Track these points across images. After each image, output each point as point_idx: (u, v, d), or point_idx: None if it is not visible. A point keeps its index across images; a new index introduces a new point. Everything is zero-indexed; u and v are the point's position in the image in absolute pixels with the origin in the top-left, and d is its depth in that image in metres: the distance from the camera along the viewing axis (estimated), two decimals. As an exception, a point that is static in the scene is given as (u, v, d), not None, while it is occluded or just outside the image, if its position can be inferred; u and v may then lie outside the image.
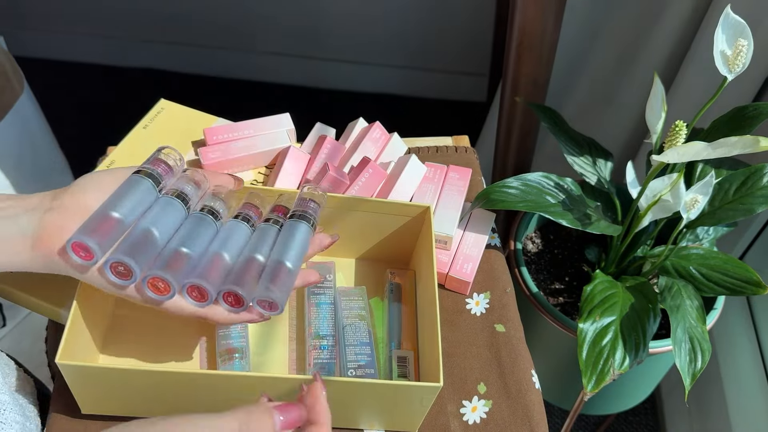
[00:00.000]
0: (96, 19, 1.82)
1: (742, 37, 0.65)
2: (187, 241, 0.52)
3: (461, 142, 0.88)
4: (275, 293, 0.51)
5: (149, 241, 0.50)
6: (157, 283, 0.50)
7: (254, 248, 0.54)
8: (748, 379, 1.07)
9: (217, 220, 0.55)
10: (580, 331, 0.75)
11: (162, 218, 0.52)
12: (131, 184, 0.52)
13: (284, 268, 0.52)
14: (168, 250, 0.51)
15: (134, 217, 0.51)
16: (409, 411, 0.58)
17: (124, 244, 0.49)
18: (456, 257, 0.73)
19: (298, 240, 0.55)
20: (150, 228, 0.51)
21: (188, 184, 0.55)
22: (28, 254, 0.48)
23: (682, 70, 1.09)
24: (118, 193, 0.51)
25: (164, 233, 0.51)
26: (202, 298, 0.51)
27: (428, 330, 0.61)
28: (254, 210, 0.57)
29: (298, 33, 1.79)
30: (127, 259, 0.48)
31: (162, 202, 0.53)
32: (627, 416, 1.35)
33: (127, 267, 0.48)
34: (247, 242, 0.55)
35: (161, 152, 0.56)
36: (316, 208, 0.58)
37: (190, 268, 0.51)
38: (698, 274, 0.81)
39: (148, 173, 0.53)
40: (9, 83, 0.92)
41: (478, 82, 1.82)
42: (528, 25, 0.97)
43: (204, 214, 0.54)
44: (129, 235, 0.50)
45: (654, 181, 0.76)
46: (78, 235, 0.47)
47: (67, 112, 1.76)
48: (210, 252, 0.52)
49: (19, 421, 0.54)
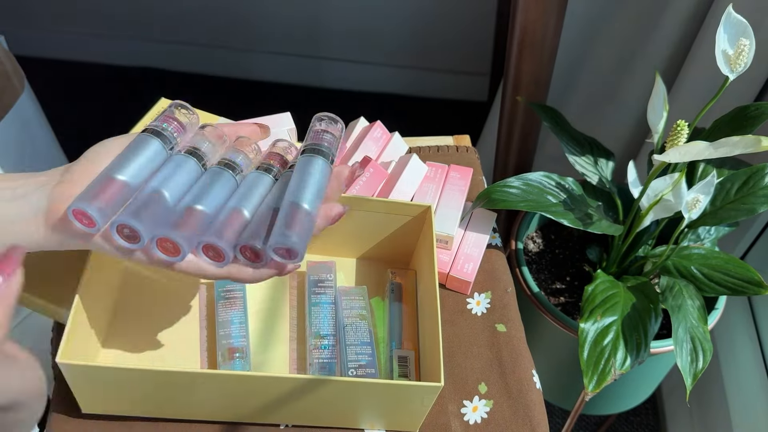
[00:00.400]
0: (96, 19, 1.82)
1: (744, 36, 0.65)
2: (202, 198, 0.47)
3: (462, 141, 0.88)
4: (292, 238, 0.45)
5: (158, 201, 0.46)
6: (166, 243, 0.46)
7: (274, 198, 0.49)
8: (749, 379, 1.07)
9: (236, 173, 0.50)
10: (581, 331, 0.74)
11: (173, 178, 0.48)
12: (138, 144, 0.48)
13: (301, 210, 0.47)
14: (180, 208, 0.47)
15: (142, 178, 0.47)
16: (409, 411, 0.58)
17: (130, 206, 0.46)
18: (457, 257, 0.73)
19: (313, 177, 0.48)
20: (159, 188, 0.47)
21: (205, 141, 0.50)
22: (43, 232, 0.46)
23: (684, 70, 1.09)
24: (123, 155, 0.47)
25: (176, 192, 0.47)
26: (219, 258, 0.47)
27: (429, 330, 0.61)
28: (278, 159, 0.52)
29: (300, 32, 1.79)
30: (132, 221, 0.44)
31: (175, 160, 0.49)
32: (628, 416, 1.35)
33: (133, 230, 0.45)
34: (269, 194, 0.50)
35: (173, 108, 0.52)
36: (333, 140, 0.52)
37: (204, 226, 0.46)
38: (700, 274, 0.80)
39: (157, 131, 0.49)
40: (9, 82, 0.92)
41: (480, 82, 1.82)
42: (529, 24, 0.97)
43: (221, 168, 0.49)
44: (136, 197, 0.46)
45: (655, 181, 0.76)
46: (77, 201, 0.44)
47: (67, 112, 1.76)
48: (228, 207, 0.48)
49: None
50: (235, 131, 0.54)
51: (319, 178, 0.49)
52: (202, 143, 0.50)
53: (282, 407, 0.58)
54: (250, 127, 0.55)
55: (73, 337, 0.53)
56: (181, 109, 0.52)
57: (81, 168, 0.47)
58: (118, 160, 0.47)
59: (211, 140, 0.51)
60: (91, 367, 0.52)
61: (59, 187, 0.46)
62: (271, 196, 0.50)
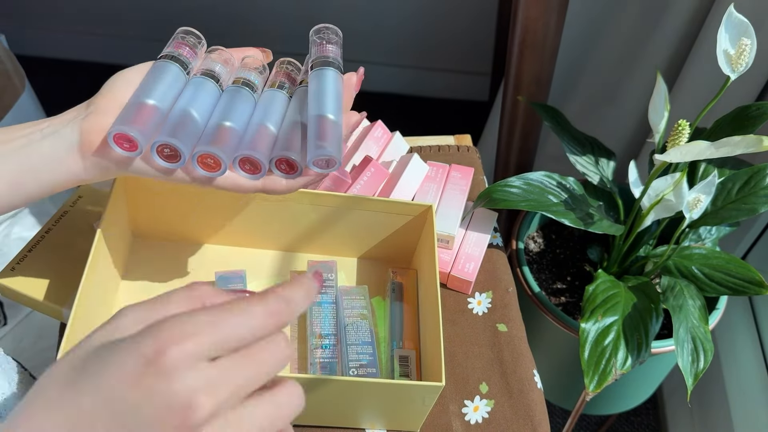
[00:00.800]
0: (97, 18, 1.82)
1: (746, 36, 0.65)
2: (229, 115, 0.50)
3: (463, 141, 0.88)
4: (328, 149, 0.47)
5: (190, 120, 0.48)
6: (207, 159, 0.48)
7: (295, 113, 0.52)
8: (750, 379, 1.06)
9: (254, 91, 0.53)
10: (582, 330, 0.74)
11: (198, 98, 0.50)
12: (159, 70, 0.50)
13: (328, 121, 0.49)
14: (211, 126, 0.49)
15: (168, 101, 0.49)
16: (411, 411, 0.58)
17: (166, 126, 0.48)
18: (458, 256, 0.73)
19: (329, 88, 0.51)
20: (188, 108, 0.49)
21: (217, 63, 0.53)
22: (80, 165, 0.48)
23: (685, 69, 1.09)
24: (147, 81, 0.50)
25: (203, 112, 0.50)
26: (255, 170, 0.49)
27: (430, 329, 0.61)
28: (288, 77, 0.55)
29: (300, 32, 1.78)
30: (173, 140, 0.46)
31: (194, 83, 0.51)
32: (629, 416, 1.35)
33: (174, 148, 0.47)
34: (287, 111, 0.53)
35: (180, 35, 0.54)
36: (336, 50, 0.54)
37: (236, 141, 0.49)
38: (701, 274, 0.80)
39: (174, 57, 0.51)
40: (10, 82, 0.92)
41: (481, 81, 1.82)
42: (530, 24, 0.97)
43: (240, 87, 0.52)
44: (168, 118, 0.49)
45: (657, 181, 0.76)
46: (117, 125, 0.46)
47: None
48: (254, 123, 0.50)
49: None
50: (239, 53, 0.56)
51: (335, 88, 0.51)
52: (215, 65, 0.53)
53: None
54: (253, 49, 0.58)
55: (74, 335, 0.53)
56: (188, 35, 0.54)
57: (104, 100, 0.49)
58: (143, 86, 0.49)
59: (221, 62, 0.54)
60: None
61: (89, 120, 0.48)
62: (291, 111, 0.52)
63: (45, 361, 0.64)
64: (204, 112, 0.50)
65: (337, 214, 0.66)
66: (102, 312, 0.61)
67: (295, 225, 0.67)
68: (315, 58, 0.53)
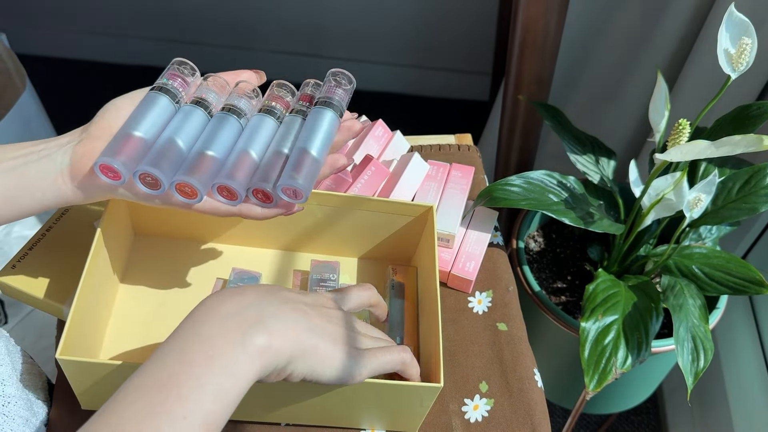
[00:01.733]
0: (98, 17, 1.82)
1: (746, 35, 0.65)
2: (211, 143, 0.52)
3: (464, 140, 0.88)
4: (299, 180, 0.50)
5: (174, 149, 0.51)
6: (185, 188, 0.50)
7: (280, 141, 0.53)
8: (750, 378, 1.06)
9: (241, 117, 0.54)
10: (583, 330, 0.74)
11: (184, 126, 0.52)
12: (149, 102, 0.53)
13: (308, 156, 0.51)
14: (193, 154, 0.51)
15: (155, 132, 0.52)
16: (409, 411, 0.58)
17: (149, 155, 0.50)
18: (458, 255, 0.73)
19: (322, 127, 0.53)
20: (173, 137, 0.51)
21: (209, 92, 0.55)
22: (69, 187, 0.51)
23: (686, 69, 1.09)
24: (137, 112, 0.52)
25: (188, 140, 0.52)
26: (233, 197, 0.51)
27: (430, 329, 0.61)
28: (280, 101, 0.56)
29: (301, 31, 1.79)
30: (153, 169, 0.49)
31: (184, 111, 0.53)
32: (629, 415, 1.35)
33: (154, 177, 0.49)
34: (274, 136, 0.54)
35: (175, 65, 0.56)
36: (344, 95, 0.56)
37: (216, 169, 0.51)
38: (701, 273, 0.80)
39: (165, 89, 0.53)
40: (11, 81, 0.92)
41: (481, 81, 1.82)
42: (531, 23, 0.97)
43: (226, 114, 0.54)
44: (153, 147, 0.51)
45: (657, 180, 0.76)
46: (103, 157, 0.49)
47: (69, 110, 1.76)
48: (236, 150, 0.52)
49: (23, 416, 0.54)
50: (234, 77, 0.58)
51: (328, 129, 0.53)
52: (207, 93, 0.55)
53: (282, 406, 0.58)
54: (247, 72, 0.59)
55: (73, 333, 0.53)
56: (182, 66, 0.56)
57: (97, 127, 0.52)
58: (133, 117, 0.52)
59: (215, 90, 0.55)
60: (91, 363, 0.52)
61: (80, 146, 0.51)
62: (277, 138, 0.54)
63: (46, 359, 0.64)
64: (189, 140, 0.52)
65: (338, 214, 0.66)
66: (102, 310, 0.61)
67: (295, 225, 0.67)
68: (321, 96, 0.56)
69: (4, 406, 0.53)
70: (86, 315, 0.56)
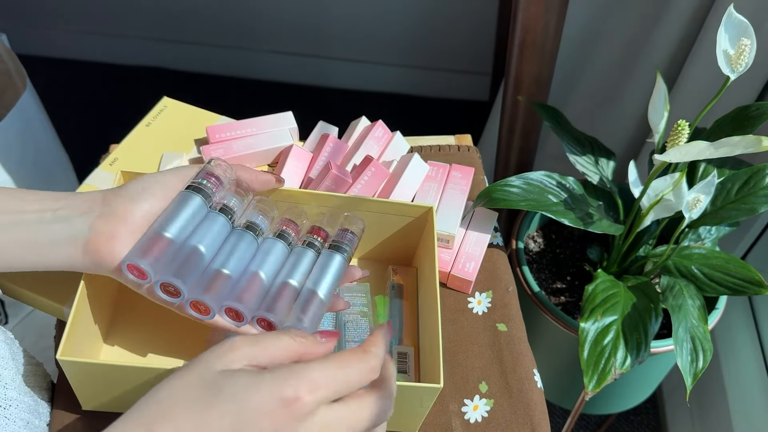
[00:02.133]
0: (99, 17, 1.82)
1: (745, 36, 0.65)
2: (228, 261, 0.54)
3: (464, 141, 0.88)
4: (305, 323, 0.52)
5: (196, 259, 0.52)
6: (199, 305, 0.52)
7: (289, 272, 0.55)
8: (749, 379, 1.07)
9: (258, 236, 0.57)
10: (582, 330, 0.75)
11: (209, 234, 0.54)
12: (183, 201, 0.54)
13: (317, 299, 0.54)
14: (210, 271, 0.53)
15: (185, 235, 0.53)
16: (408, 412, 0.58)
17: (173, 264, 0.51)
18: (458, 256, 0.73)
19: (332, 271, 0.56)
20: (197, 246, 0.53)
21: (234, 197, 0.57)
22: (80, 258, 0.50)
23: (685, 70, 1.09)
24: (170, 211, 0.53)
25: (210, 249, 0.54)
26: (239, 318, 0.53)
27: (430, 330, 0.61)
28: (293, 227, 0.58)
29: (301, 31, 1.79)
30: (177, 281, 0.50)
31: (210, 218, 0.55)
32: (628, 416, 1.35)
33: (176, 288, 0.51)
34: (284, 262, 0.56)
35: (210, 164, 0.57)
36: (353, 238, 0.59)
37: (228, 289, 0.53)
38: (700, 274, 0.81)
39: (200, 188, 0.55)
40: (12, 81, 0.92)
41: (481, 81, 1.82)
42: (530, 24, 0.97)
43: (245, 231, 0.56)
44: (178, 253, 0.52)
45: (656, 181, 0.76)
46: (132, 257, 0.50)
47: (69, 110, 1.76)
48: (248, 271, 0.54)
49: (24, 418, 0.54)
50: (256, 178, 0.60)
51: (336, 273, 0.56)
52: (232, 199, 0.57)
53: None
54: (268, 176, 0.61)
55: (74, 333, 0.53)
56: (217, 164, 0.58)
57: (121, 204, 0.51)
58: (165, 216, 0.53)
59: (238, 196, 0.58)
60: (91, 364, 0.52)
61: (101, 220, 0.50)
62: (288, 267, 0.56)
63: (46, 359, 0.64)
64: (212, 248, 0.54)
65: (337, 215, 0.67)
66: (102, 310, 0.61)
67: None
68: (335, 239, 0.59)
69: (6, 408, 0.53)
70: (86, 315, 0.56)
